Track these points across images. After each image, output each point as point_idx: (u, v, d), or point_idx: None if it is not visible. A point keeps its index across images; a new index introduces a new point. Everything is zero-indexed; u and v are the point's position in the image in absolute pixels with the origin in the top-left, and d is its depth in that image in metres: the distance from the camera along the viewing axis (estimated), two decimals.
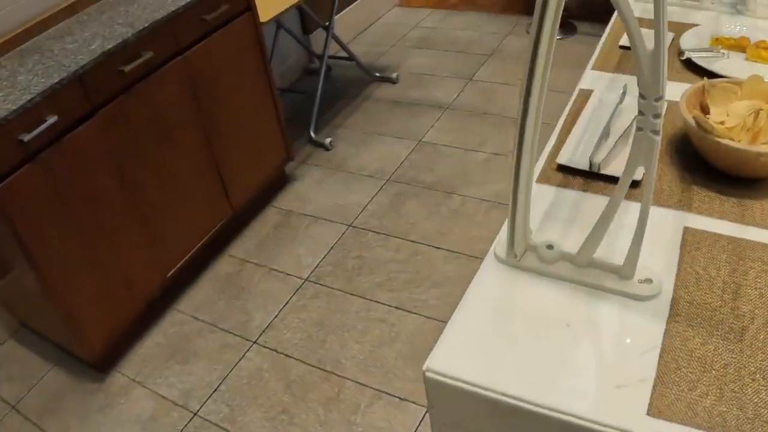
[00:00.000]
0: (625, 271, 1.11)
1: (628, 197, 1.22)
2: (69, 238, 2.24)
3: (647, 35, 0.90)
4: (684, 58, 1.71)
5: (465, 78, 4.22)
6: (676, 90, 1.48)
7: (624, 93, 1.56)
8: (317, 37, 4.41)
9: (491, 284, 1.15)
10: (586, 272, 1.13)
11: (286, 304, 2.73)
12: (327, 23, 3.85)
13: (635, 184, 1.32)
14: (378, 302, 2.69)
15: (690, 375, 0.97)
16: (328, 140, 3.65)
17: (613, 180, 1.34)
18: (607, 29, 1.92)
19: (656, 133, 0.96)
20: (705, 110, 1.42)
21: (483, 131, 3.70)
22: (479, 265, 1.20)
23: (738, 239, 1.20)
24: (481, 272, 1.17)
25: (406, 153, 3.57)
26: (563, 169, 1.37)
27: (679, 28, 1.89)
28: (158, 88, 2.49)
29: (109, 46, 2.27)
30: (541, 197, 1.32)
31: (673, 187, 1.34)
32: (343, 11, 4.69)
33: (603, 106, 1.54)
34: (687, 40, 1.80)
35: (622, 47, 1.82)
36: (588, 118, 1.49)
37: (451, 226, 3.05)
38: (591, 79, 1.68)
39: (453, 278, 2.76)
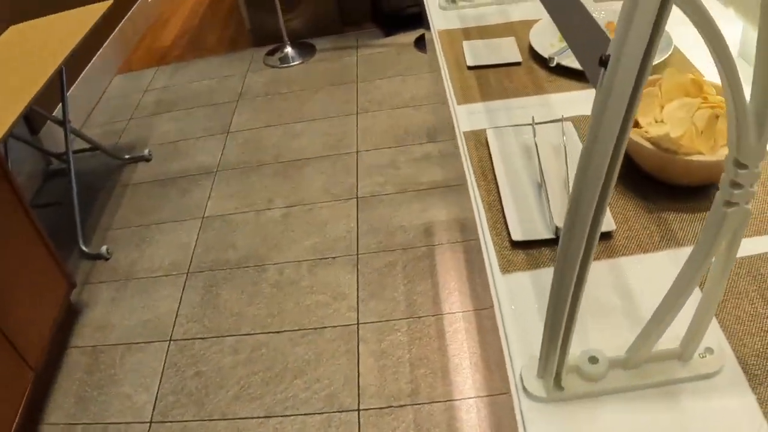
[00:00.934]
0: (686, 354, 0.92)
1: (609, 255, 1.06)
2: None
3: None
4: (554, 64, 1.52)
5: (222, 132, 3.90)
6: (565, 103, 1.40)
7: (533, 127, 1.33)
8: (46, 134, 3.88)
9: None
10: (643, 372, 0.92)
11: None
12: (62, 118, 3.35)
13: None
14: (244, 418, 2.34)
15: None
16: (103, 248, 3.19)
17: None
18: (440, 54, 1.69)
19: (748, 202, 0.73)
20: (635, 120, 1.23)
21: (266, 185, 3.41)
22: (330, 335, 0.94)
23: (752, 256, 1.08)
24: (522, 427, 0.90)
25: (194, 236, 3.20)
26: (521, 245, 1.12)
27: (516, 31, 1.71)
28: None
29: None
30: (520, 291, 1.06)
31: (646, 225, 1.14)
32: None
33: (512, 149, 1.30)
34: (539, 43, 1.62)
35: (471, 68, 1.59)
36: (505, 169, 1.25)
37: (280, 302, 2.73)
38: (466, 116, 1.45)
39: (312, 360, 2.45)
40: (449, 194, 3.14)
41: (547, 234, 1.12)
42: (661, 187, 1.22)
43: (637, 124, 1.24)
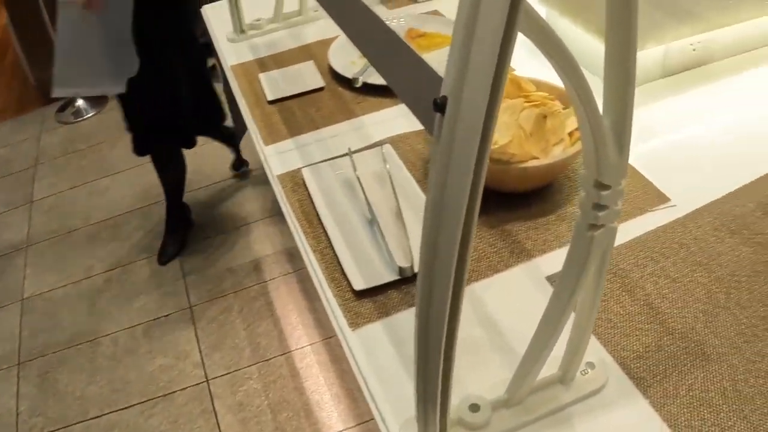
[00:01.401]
0: (568, 376, 0.83)
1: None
2: None
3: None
4: (360, 84, 1.41)
5: (25, 203, 3.57)
6: (379, 124, 1.32)
7: (351, 158, 1.19)
8: None
9: None
10: (528, 407, 0.82)
11: None
12: None
13: None
14: None
15: None
16: None
17: None
18: (236, 91, 1.53)
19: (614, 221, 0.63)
20: None
21: (82, 252, 3.14)
22: (182, 398, 0.80)
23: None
24: None
25: (17, 322, 2.88)
26: (366, 293, 0.99)
27: (313, 53, 1.58)
28: None
29: None
30: (377, 345, 0.94)
31: (491, 241, 1.05)
32: None
33: (333, 185, 1.17)
34: (340, 63, 1.50)
35: (272, 102, 1.45)
36: (330, 210, 1.11)
37: (122, 375, 2.51)
38: (276, 157, 1.30)
39: (168, 430, 2.25)
40: (270, 225, 2.98)
41: (390, 276, 1.00)
42: (496, 197, 1.12)
43: None
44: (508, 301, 0.97)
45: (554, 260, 1.03)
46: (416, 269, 0.99)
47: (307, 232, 1.10)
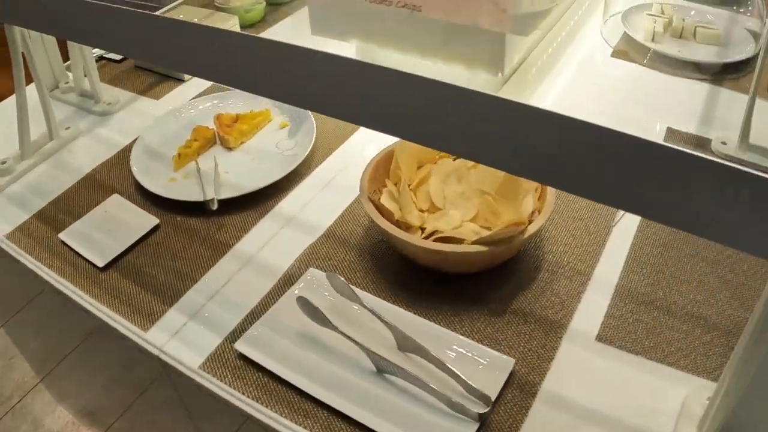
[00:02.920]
0: None
1: None
2: None
3: None
4: (216, 207, 1.16)
5: None
6: (265, 245, 1.11)
7: (301, 304, 0.95)
8: None
9: None
10: None
11: None
12: None
13: None
14: None
15: None
16: None
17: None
18: (41, 269, 1.16)
19: None
20: (402, 223, 0.96)
21: None
22: None
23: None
24: None
25: None
26: None
27: (100, 185, 1.28)
28: None
29: None
30: None
31: (518, 329, 0.91)
32: None
33: (290, 351, 0.95)
34: (159, 185, 1.25)
35: (106, 268, 1.14)
36: (320, 384, 0.91)
37: None
38: (171, 343, 1.03)
39: None
40: (45, 390, 2.47)
41: (471, 429, 0.80)
42: (473, 278, 0.97)
43: (404, 227, 0.95)
44: (588, 383, 0.84)
45: (584, 318, 0.91)
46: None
47: (307, 425, 0.86)
